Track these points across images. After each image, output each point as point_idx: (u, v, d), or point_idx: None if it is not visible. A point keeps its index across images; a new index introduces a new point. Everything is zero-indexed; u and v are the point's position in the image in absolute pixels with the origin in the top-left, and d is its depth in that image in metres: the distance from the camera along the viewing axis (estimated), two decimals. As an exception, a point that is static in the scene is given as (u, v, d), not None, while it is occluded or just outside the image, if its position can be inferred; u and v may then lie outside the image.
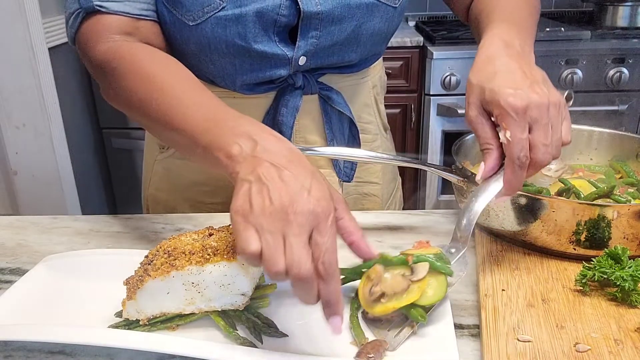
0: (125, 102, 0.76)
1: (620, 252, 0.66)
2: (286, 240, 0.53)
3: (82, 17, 0.79)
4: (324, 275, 0.54)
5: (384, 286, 0.61)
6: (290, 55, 0.86)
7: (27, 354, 0.62)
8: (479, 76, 0.69)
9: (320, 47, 0.87)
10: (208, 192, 0.99)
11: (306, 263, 0.53)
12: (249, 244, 0.53)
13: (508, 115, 0.64)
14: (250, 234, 0.54)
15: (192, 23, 0.82)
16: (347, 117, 0.97)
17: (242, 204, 0.55)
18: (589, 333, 0.60)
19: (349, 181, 1.02)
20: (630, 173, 0.89)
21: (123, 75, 0.75)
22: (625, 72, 2.21)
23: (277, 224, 0.54)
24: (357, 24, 0.87)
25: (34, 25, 2.00)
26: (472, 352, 0.60)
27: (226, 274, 0.63)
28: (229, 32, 0.82)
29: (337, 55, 0.90)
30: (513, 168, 0.64)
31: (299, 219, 0.54)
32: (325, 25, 0.85)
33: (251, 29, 0.82)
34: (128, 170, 2.59)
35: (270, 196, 0.55)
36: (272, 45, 0.85)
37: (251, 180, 0.56)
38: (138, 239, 0.88)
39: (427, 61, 2.27)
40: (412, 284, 0.61)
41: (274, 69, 0.88)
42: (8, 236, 0.89)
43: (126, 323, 0.65)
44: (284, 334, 0.63)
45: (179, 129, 0.67)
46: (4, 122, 2.09)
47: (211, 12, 0.81)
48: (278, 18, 0.83)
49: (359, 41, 0.90)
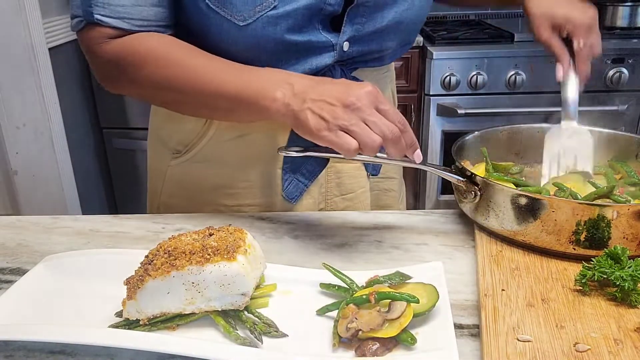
0: (150, 85, 0.83)
1: (620, 252, 0.66)
2: (367, 122, 0.69)
3: (84, 26, 0.83)
4: (403, 129, 0.72)
5: (359, 323, 0.61)
6: (335, 42, 0.88)
7: (27, 353, 0.62)
8: (544, 6, 0.93)
9: (363, 33, 0.89)
10: (230, 195, 0.98)
11: (393, 127, 0.70)
12: (349, 144, 0.69)
13: (581, 29, 0.91)
14: (344, 138, 0.69)
15: (242, 23, 0.82)
16: None
17: (317, 123, 0.70)
18: (588, 333, 0.60)
19: (376, 174, 1.05)
20: (631, 173, 0.89)
21: (143, 64, 0.82)
22: (625, 72, 2.21)
23: (352, 115, 0.69)
24: (398, 10, 0.90)
25: (34, 25, 2.00)
26: (472, 352, 0.61)
27: (226, 274, 0.63)
28: (279, 29, 0.83)
29: (377, 42, 0.92)
30: (586, 63, 0.92)
31: (364, 102, 0.70)
32: (370, 12, 0.88)
33: (299, 21, 0.84)
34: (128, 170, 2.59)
35: (331, 103, 0.70)
36: (317, 34, 0.86)
37: (307, 106, 0.71)
38: (138, 239, 0.88)
39: (427, 61, 2.27)
40: (391, 321, 0.60)
41: (319, 58, 0.89)
42: (8, 236, 0.89)
43: (126, 323, 0.65)
44: (284, 334, 0.63)
45: (219, 91, 0.79)
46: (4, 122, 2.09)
47: (263, 12, 0.81)
48: (325, 7, 0.84)
49: (397, 29, 0.92)
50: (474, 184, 0.81)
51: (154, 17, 0.83)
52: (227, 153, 0.95)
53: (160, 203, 1.04)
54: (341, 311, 0.63)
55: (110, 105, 2.45)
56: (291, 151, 0.83)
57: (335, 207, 1.02)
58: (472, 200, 0.81)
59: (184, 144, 0.97)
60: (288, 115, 0.73)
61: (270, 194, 0.98)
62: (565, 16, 0.91)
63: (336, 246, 0.83)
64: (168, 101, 0.87)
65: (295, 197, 0.98)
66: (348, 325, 0.61)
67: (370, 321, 0.60)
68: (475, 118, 2.26)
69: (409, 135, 0.73)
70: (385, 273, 0.69)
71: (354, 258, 0.80)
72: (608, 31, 2.40)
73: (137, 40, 0.83)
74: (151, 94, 0.87)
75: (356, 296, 0.64)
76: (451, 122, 2.31)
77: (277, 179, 0.97)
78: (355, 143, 0.69)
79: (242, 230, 0.69)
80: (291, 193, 0.97)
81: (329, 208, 1.02)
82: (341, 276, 0.69)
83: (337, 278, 0.69)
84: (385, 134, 0.69)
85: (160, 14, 0.84)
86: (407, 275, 0.68)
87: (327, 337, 0.62)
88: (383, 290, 0.64)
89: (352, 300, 0.64)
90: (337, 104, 0.70)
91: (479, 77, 2.23)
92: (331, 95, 0.71)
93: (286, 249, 0.83)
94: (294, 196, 0.97)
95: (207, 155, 0.96)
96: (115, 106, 2.45)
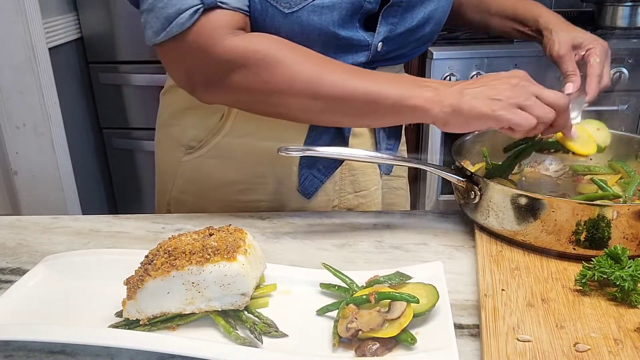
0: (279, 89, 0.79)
1: (620, 252, 0.66)
2: (539, 95, 0.73)
3: (200, 14, 0.77)
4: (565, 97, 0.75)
5: (359, 323, 0.61)
6: (370, 41, 0.88)
7: (28, 353, 0.62)
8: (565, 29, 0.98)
9: (395, 33, 0.90)
10: (244, 191, 0.98)
11: (561, 97, 0.74)
12: (528, 120, 0.72)
13: (600, 49, 0.94)
14: (521, 114, 0.72)
15: (288, 10, 0.82)
16: None
17: (489, 105, 0.73)
18: (588, 333, 0.60)
19: (388, 173, 1.07)
20: (631, 173, 0.89)
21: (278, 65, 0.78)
22: (625, 72, 2.21)
23: (522, 91, 0.73)
24: (426, 10, 0.91)
25: (34, 25, 2.00)
26: (472, 352, 0.61)
27: (226, 274, 0.63)
28: (323, 19, 0.83)
29: (405, 43, 0.93)
30: (595, 80, 0.92)
31: (527, 77, 0.75)
32: (402, 12, 0.89)
33: (343, 15, 0.84)
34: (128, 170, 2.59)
35: (493, 86, 0.74)
36: (355, 32, 0.87)
37: (469, 96, 0.74)
38: (138, 239, 0.88)
39: (427, 61, 2.27)
40: (391, 322, 0.60)
41: (355, 56, 0.89)
42: (8, 236, 0.89)
43: (126, 323, 0.65)
44: (284, 334, 0.63)
45: (362, 95, 0.78)
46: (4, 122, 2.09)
47: (309, 0, 0.81)
48: (365, 4, 0.84)
49: (424, 28, 0.93)
50: (474, 183, 0.80)
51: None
52: (242, 149, 0.95)
53: (171, 198, 1.04)
54: (341, 311, 0.63)
55: (110, 105, 2.45)
56: (292, 151, 0.83)
57: (348, 205, 1.02)
58: (472, 200, 0.81)
59: (198, 140, 0.97)
60: (444, 112, 0.74)
61: (285, 190, 0.98)
62: (586, 37, 0.96)
63: (336, 246, 0.83)
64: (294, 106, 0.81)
65: (311, 193, 0.98)
66: (348, 325, 0.61)
67: (370, 321, 0.60)
68: (475, 118, 2.25)
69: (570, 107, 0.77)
70: (385, 273, 0.69)
71: (354, 258, 0.80)
72: (608, 31, 2.41)
73: (264, 39, 0.80)
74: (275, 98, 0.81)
75: (356, 296, 0.64)
76: (451, 122, 2.31)
77: (292, 175, 0.97)
78: (534, 118, 0.72)
79: (242, 230, 0.69)
80: (307, 189, 0.97)
81: (342, 205, 1.02)
82: (341, 276, 0.69)
83: (337, 278, 0.69)
84: (558, 104, 0.73)
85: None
86: (407, 275, 0.68)
87: (327, 337, 0.62)
88: (383, 290, 0.64)
89: (352, 300, 0.64)
90: (502, 85, 0.74)
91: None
92: (487, 83, 0.75)
93: (286, 249, 0.83)
94: (310, 192, 0.98)
95: (221, 151, 0.96)
96: (115, 106, 2.44)
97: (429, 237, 0.86)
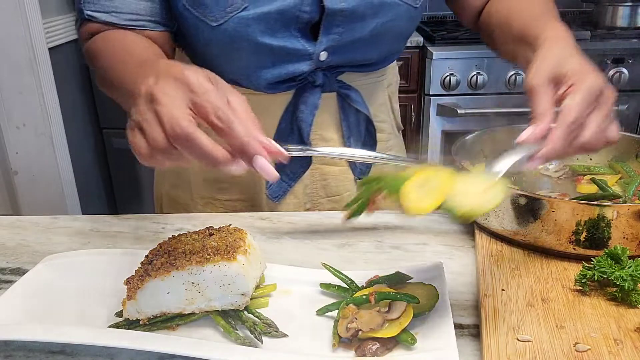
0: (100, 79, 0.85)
1: (620, 252, 0.66)
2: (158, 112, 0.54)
3: (80, 24, 0.87)
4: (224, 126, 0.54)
5: (359, 323, 0.61)
6: (312, 51, 0.88)
7: (27, 354, 0.62)
8: (556, 52, 0.70)
9: (342, 43, 0.89)
10: (223, 189, 0.99)
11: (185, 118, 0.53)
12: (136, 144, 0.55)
13: (584, 88, 0.64)
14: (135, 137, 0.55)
15: (215, 24, 0.83)
16: (364, 116, 0.99)
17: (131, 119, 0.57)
18: (588, 333, 0.60)
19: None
20: (631, 173, 0.89)
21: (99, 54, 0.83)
22: (625, 72, 2.21)
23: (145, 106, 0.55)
24: (379, 22, 0.89)
25: (34, 25, 2.00)
26: (472, 352, 0.60)
27: (226, 274, 0.63)
28: (251, 31, 0.83)
29: (358, 53, 0.92)
30: (562, 130, 0.62)
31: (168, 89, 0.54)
32: (348, 22, 0.87)
33: (272, 25, 0.83)
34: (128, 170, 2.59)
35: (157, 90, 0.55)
36: (294, 41, 0.86)
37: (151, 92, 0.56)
38: (138, 239, 0.88)
39: (427, 61, 2.27)
40: (391, 322, 0.60)
41: (295, 65, 0.89)
42: (8, 236, 0.89)
43: (126, 323, 0.65)
44: (284, 334, 0.63)
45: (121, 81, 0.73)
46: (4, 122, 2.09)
47: (233, 12, 0.82)
48: (300, 14, 0.84)
49: (380, 39, 0.91)
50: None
51: (144, 11, 0.84)
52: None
53: (163, 192, 1.07)
54: (341, 311, 0.63)
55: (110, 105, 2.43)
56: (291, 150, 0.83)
57: (321, 208, 1.02)
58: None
59: None
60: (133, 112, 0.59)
61: (256, 191, 0.98)
62: (575, 68, 0.67)
63: (336, 246, 0.83)
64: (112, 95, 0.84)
65: (279, 197, 0.98)
66: (348, 325, 0.61)
67: (370, 321, 0.60)
68: (475, 118, 2.26)
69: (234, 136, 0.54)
70: (385, 273, 0.69)
71: (354, 258, 0.80)
72: (608, 31, 2.41)
73: (109, 34, 0.84)
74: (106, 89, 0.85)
75: (356, 296, 0.64)
76: (451, 122, 2.31)
77: (261, 177, 0.97)
78: (144, 144, 0.54)
79: (242, 230, 0.69)
80: (274, 192, 0.98)
81: (315, 209, 1.02)
82: (341, 276, 0.69)
83: (337, 278, 0.69)
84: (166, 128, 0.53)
85: (150, 8, 0.84)
86: (407, 275, 0.68)
87: (327, 337, 0.62)
88: (383, 291, 0.64)
89: (352, 300, 0.64)
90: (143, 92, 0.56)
91: (479, 77, 2.23)
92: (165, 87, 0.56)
93: (286, 249, 0.83)
94: (278, 195, 0.98)
95: None
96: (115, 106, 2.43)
97: (429, 237, 0.85)
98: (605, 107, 0.65)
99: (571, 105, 0.63)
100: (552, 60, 0.68)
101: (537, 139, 0.63)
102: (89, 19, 0.84)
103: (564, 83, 0.66)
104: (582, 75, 0.65)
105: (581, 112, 0.63)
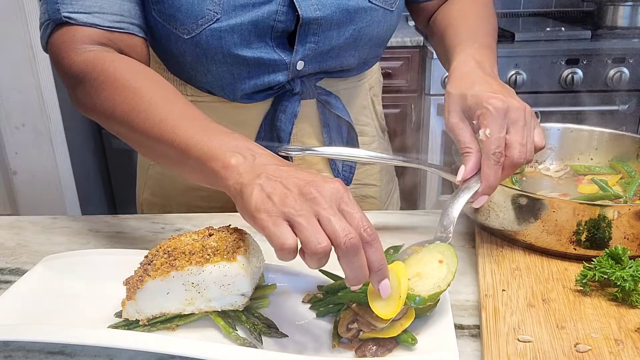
0: (105, 112, 0.73)
1: (620, 252, 0.66)
2: (320, 217, 0.54)
3: (52, 28, 0.77)
4: (369, 240, 0.54)
5: (360, 323, 0.60)
6: (288, 61, 0.86)
7: (27, 354, 0.62)
8: (459, 86, 0.73)
9: (319, 51, 0.87)
10: (205, 197, 0.99)
11: (351, 230, 0.53)
12: (285, 238, 0.53)
13: (490, 114, 0.68)
14: (282, 228, 0.53)
15: (187, 36, 0.81)
16: (345, 121, 0.97)
17: (260, 202, 0.55)
18: (589, 333, 0.59)
19: (347, 185, 1.02)
20: (631, 173, 0.89)
21: (104, 86, 0.72)
22: (626, 72, 2.21)
23: (305, 205, 0.54)
24: (356, 28, 0.87)
25: (34, 25, 2.00)
26: (472, 352, 0.60)
27: (226, 274, 0.63)
28: (225, 43, 0.82)
29: (336, 60, 0.90)
30: (489, 163, 0.67)
31: (325, 193, 0.55)
32: (323, 31, 0.85)
33: (247, 37, 0.82)
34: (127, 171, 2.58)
35: (285, 185, 0.56)
36: (269, 51, 0.85)
37: (260, 182, 0.56)
38: (138, 239, 0.87)
39: (427, 61, 2.27)
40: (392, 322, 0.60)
41: (272, 75, 0.87)
42: (8, 236, 0.89)
43: (126, 323, 0.65)
44: (284, 334, 0.63)
45: (170, 141, 0.65)
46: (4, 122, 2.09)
47: (205, 25, 0.80)
48: (275, 24, 0.83)
49: (357, 45, 0.90)
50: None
51: (128, 12, 0.78)
52: None
53: (143, 200, 1.06)
54: (341, 311, 0.62)
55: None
56: (291, 151, 0.83)
57: None
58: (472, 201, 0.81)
59: None
60: (234, 188, 0.59)
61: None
62: (474, 96, 0.70)
63: (336, 246, 0.83)
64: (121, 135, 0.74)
65: None
66: (349, 325, 0.60)
67: (371, 321, 0.60)
68: (475, 118, 2.25)
69: (375, 253, 0.55)
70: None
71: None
72: (608, 31, 2.41)
73: (110, 59, 0.74)
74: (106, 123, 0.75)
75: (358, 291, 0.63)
76: (451, 122, 2.30)
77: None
78: (294, 239, 0.53)
79: (242, 230, 0.69)
80: None
81: None
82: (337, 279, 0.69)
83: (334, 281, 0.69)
84: (338, 237, 0.52)
85: (134, 10, 0.79)
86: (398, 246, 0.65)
87: (327, 337, 0.62)
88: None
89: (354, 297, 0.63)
90: (292, 189, 0.55)
91: (479, 77, 2.22)
92: (289, 178, 0.56)
93: (286, 249, 0.83)
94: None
95: None
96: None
97: (429, 237, 0.85)
98: (519, 121, 0.68)
99: (486, 137, 0.68)
100: (456, 97, 0.73)
101: (473, 171, 0.69)
102: (66, 21, 0.75)
103: (473, 116, 0.70)
104: (484, 101, 0.69)
105: (497, 140, 0.67)
